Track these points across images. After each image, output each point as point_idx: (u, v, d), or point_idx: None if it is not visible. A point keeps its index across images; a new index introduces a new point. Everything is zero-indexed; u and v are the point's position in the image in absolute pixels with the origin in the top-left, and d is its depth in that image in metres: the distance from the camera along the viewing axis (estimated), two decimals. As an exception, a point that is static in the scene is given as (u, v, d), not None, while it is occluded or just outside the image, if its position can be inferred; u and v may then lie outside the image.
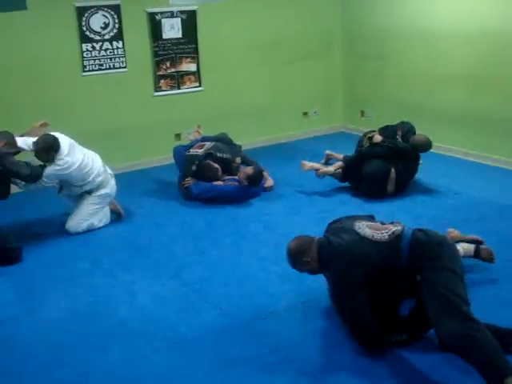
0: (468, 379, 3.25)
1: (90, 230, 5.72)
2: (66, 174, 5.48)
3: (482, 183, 6.63)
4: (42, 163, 5.47)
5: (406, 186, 6.41)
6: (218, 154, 6.59)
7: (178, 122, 7.80)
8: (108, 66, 7.27)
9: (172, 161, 6.96)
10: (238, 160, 6.76)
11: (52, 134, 5.48)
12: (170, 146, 7.42)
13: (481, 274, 4.54)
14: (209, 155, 6.54)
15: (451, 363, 3.40)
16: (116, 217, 6.04)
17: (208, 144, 6.67)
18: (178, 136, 7.83)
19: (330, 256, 3.58)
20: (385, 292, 3.60)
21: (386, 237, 3.58)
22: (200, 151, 6.58)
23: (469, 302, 3.30)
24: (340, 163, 6.61)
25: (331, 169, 6.58)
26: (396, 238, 3.57)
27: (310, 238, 3.76)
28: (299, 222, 5.71)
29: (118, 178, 7.26)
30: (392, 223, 3.78)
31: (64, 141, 5.50)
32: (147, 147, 7.70)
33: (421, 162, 6.50)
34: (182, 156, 6.67)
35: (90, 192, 5.73)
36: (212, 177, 6.45)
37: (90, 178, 5.65)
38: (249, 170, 6.41)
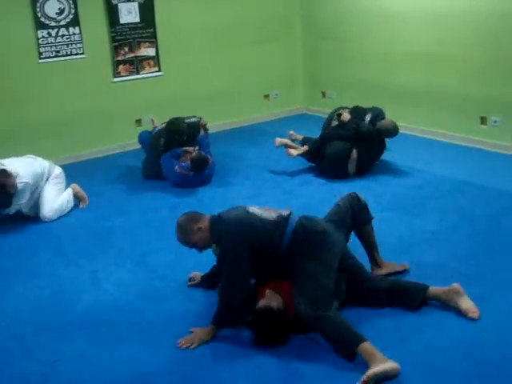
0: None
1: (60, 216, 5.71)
2: (34, 184, 5.52)
3: (443, 160, 6.72)
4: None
5: (368, 167, 6.45)
6: (185, 120, 6.57)
7: (138, 107, 7.73)
8: (65, 53, 7.15)
9: (134, 146, 6.91)
10: (204, 121, 6.71)
11: None
12: (131, 132, 7.38)
13: (442, 248, 4.62)
14: (175, 119, 6.51)
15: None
16: (79, 202, 5.99)
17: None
18: (138, 122, 7.77)
19: (222, 225, 3.69)
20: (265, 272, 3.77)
21: (274, 217, 3.75)
22: (163, 125, 6.56)
23: (331, 292, 3.54)
24: (305, 147, 6.63)
25: (295, 153, 6.59)
26: (283, 219, 3.73)
27: (201, 213, 3.88)
28: (263, 203, 5.66)
29: (80, 165, 7.25)
30: (282, 209, 3.91)
31: (12, 166, 5.42)
32: (108, 134, 7.62)
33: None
34: (149, 137, 6.62)
35: (47, 179, 5.72)
36: (182, 134, 6.37)
37: (46, 170, 5.68)
38: (193, 153, 6.32)
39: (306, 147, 6.62)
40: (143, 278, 4.50)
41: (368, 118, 6.51)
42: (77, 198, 6.01)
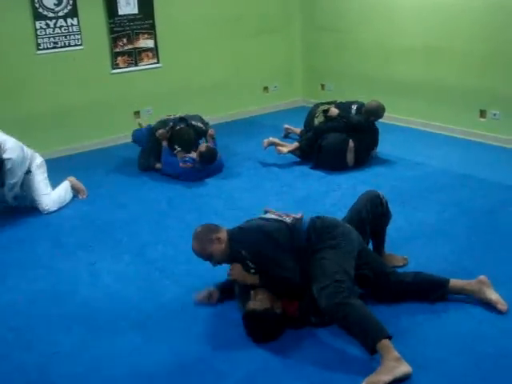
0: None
1: (61, 208, 5.71)
2: (21, 163, 5.40)
3: (442, 153, 6.71)
4: None
5: (366, 157, 6.46)
6: (193, 122, 6.56)
7: (136, 99, 7.71)
8: (63, 44, 7.11)
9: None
10: (212, 131, 6.69)
11: None
12: (129, 124, 7.35)
13: (442, 241, 4.62)
14: (182, 120, 6.50)
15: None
16: (76, 193, 5.99)
17: (174, 117, 6.64)
18: (137, 113, 7.74)
19: (243, 234, 3.71)
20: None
21: (289, 220, 3.77)
22: (172, 116, 6.53)
23: (351, 275, 3.48)
24: (296, 144, 6.65)
25: (285, 150, 6.60)
26: (297, 221, 3.77)
27: (218, 225, 3.82)
28: (261, 196, 5.72)
29: (78, 157, 7.24)
30: (295, 213, 3.90)
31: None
32: (107, 125, 7.59)
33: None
34: (144, 132, 6.61)
35: (29, 171, 5.56)
36: (187, 141, 6.37)
37: (29, 156, 5.56)
38: (202, 146, 6.33)
39: (296, 144, 6.64)
40: (142, 270, 4.50)
41: (354, 107, 6.59)
42: (74, 190, 5.99)
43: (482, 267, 4.17)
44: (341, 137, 6.32)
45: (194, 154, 6.29)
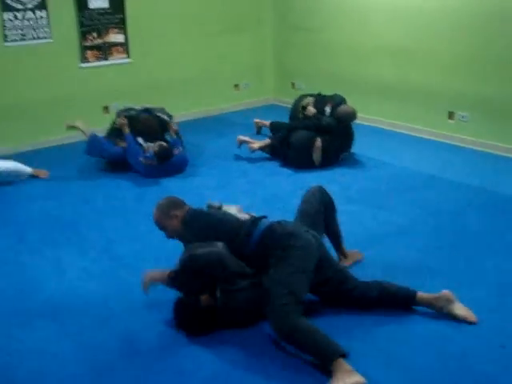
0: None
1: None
2: None
3: (410, 154, 6.77)
4: None
5: (335, 159, 6.46)
6: (157, 113, 6.52)
7: (106, 94, 7.64)
8: (32, 36, 7.01)
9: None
10: (175, 126, 6.64)
11: None
12: (98, 119, 7.29)
13: (408, 241, 4.66)
14: (146, 111, 6.46)
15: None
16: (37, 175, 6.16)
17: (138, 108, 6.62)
18: (106, 109, 7.66)
19: (193, 216, 3.79)
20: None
21: (247, 217, 3.83)
22: (136, 107, 6.54)
23: (301, 299, 3.36)
24: (267, 141, 6.68)
25: (256, 146, 6.62)
26: (255, 219, 3.76)
27: (184, 202, 3.95)
28: (230, 193, 5.71)
29: (45, 152, 7.15)
30: (258, 214, 3.92)
31: None
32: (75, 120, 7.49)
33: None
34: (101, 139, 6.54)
35: None
36: (150, 128, 6.33)
37: None
38: (155, 146, 6.22)
39: (267, 140, 6.68)
40: (108, 266, 4.45)
41: (328, 109, 6.63)
42: (36, 176, 6.13)
43: (447, 267, 4.23)
44: (309, 135, 6.37)
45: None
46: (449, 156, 6.70)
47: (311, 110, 6.71)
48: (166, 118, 6.63)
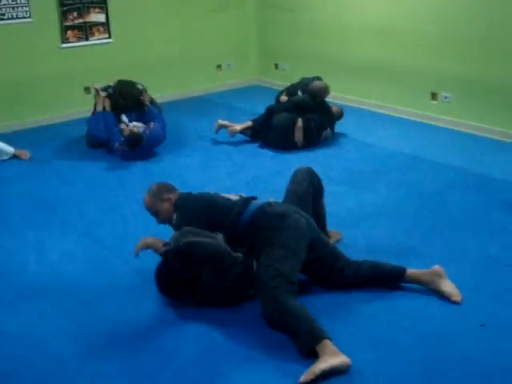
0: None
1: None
2: None
3: (393, 135, 6.77)
4: None
5: (316, 137, 6.45)
6: (137, 85, 6.49)
7: (87, 74, 7.53)
8: (10, 16, 6.91)
9: (82, 115, 6.75)
10: (148, 96, 6.57)
11: None
12: (79, 100, 7.21)
13: (391, 221, 4.67)
14: (121, 81, 6.45)
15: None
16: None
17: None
18: (87, 89, 7.57)
19: (186, 199, 3.82)
20: None
21: (237, 198, 3.82)
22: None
23: (292, 280, 3.37)
24: (248, 123, 6.66)
25: (237, 128, 6.59)
26: (245, 200, 3.77)
27: (175, 187, 3.95)
28: (212, 175, 5.69)
29: (25, 134, 7.07)
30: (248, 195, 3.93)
31: None
32: (55, 101, 7.43)
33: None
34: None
35: None
36: (132, 96, 6.32)
37: None
38: (125, 130, 6.12)
39: (249, 123, 6.66)
40: (90, 248, 4.42)
41: (300, 92, 6.75)
42: (18, 156, 6.13)
43: (430, 247, 4.25)
44: (290, 116, 6.38)
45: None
46: (432, 137, 6.70)
47: (284, 98, 6.88)
48: (140, 87, 6.56)
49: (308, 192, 3.96)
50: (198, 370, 3.11)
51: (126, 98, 6.33)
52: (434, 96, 7.09)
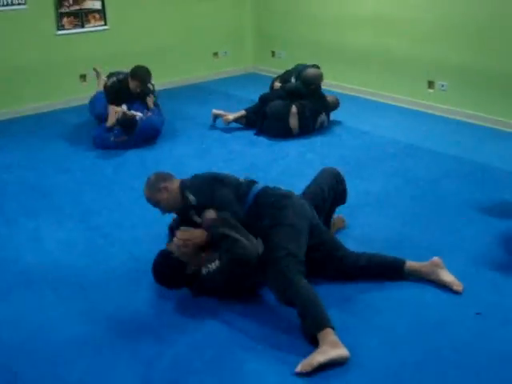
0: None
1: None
2: None
3: (390, 123, 6.77)
4: None
5: (311, 123, 6.45)
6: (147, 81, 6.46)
7: (83, 62, 7.52)
8: (5, 2, 6.86)
9: (79, 102, 6.72)
10: (152, 99, 6.53)
11: None
12: (75, 88, 7.19)
13: (387, 210, 4.67)
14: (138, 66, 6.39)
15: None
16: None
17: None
18: (83, 77, 7.56)
19: (193, 179, 3.81)
20: None
21: (242, 179, 3.85)
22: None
23: (301, 259, 3.37)
24: (242, 112, 6.65)
25: (230, 117, 6.59)
26: (250, 182, 3.81)
27: (173, 175, 3.88)
28: (209, 162, 5.67)
29: (22, 121, 7.04)
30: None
31: None
32: (51, 89, 7.40)
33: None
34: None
35: None
36: (145, 74, 6.24)
37: None
38: (119, 113, 6.08)
39: (242, 111, 6.65)
40: (86, 236, 4.41)
41: (293, 79, 6.70)
42: None
43: (426, 236, 4.25)
44: (284, 103, 6.38)
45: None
46: (428, 125, 6.70)
47: (277, 84, 6.85)
48: (151, 87, 6.50)
49: (325, 198, 3.95)
50: (195, 358, 3.11)
51: (136, 79, 6.21)
52: (430, 84, 7.08)
